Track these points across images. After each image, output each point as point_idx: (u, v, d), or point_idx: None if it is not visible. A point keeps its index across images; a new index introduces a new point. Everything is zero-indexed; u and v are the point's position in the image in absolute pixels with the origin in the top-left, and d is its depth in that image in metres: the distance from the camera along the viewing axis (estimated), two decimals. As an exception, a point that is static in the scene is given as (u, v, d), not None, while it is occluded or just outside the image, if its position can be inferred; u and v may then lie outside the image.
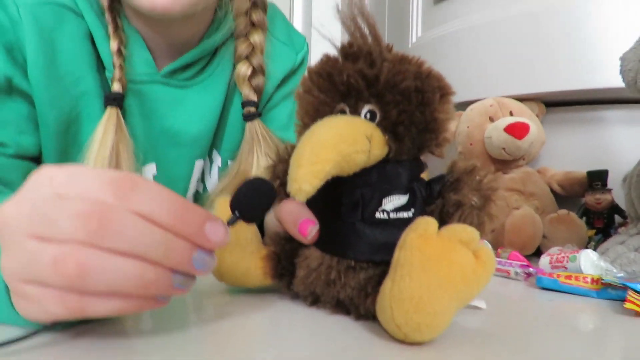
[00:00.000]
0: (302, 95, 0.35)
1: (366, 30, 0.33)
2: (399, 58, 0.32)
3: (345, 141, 0.29)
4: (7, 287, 0.28)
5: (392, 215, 0.34)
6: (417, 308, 0.27)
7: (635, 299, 0.40)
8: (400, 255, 0.29)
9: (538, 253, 0.66)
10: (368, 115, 0.33)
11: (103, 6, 0.60)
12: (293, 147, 0.40)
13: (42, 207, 0.25)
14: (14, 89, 0.55)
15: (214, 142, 0.72)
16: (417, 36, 1.01)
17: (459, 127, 0.82)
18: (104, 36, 0.59)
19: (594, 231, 0.72)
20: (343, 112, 0.34)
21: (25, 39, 0.54)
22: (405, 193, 0.34)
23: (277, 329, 0.32)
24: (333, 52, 0.35)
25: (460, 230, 0.29)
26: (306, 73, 0.36)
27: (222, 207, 0.39)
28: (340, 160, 0.29)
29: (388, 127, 0.32)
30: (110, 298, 0.26)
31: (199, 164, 0.71)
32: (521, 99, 0.82)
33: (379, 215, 0.34)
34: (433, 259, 0.27)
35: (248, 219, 0.32)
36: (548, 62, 0.80)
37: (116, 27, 0.60)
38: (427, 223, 0.29)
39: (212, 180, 0.74)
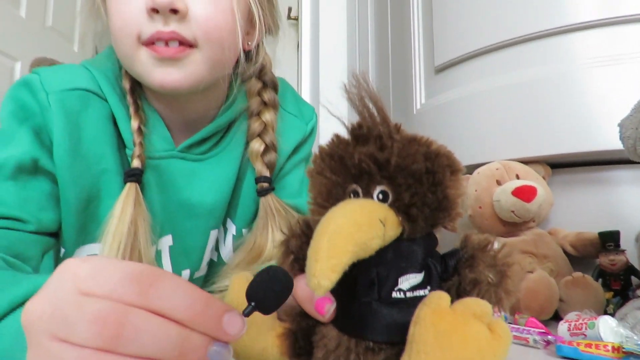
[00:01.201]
0: (314, 176, 0.37)
1: (375, 111, 0.35)
2: (408, 139, 0.34)
3: (361, 229, 0.30)
4: None
5: (409, 294, 0.34)
6: (435, 386, 0.27)
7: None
8: (415, 331, 0.29)
9: (556, 317, 0.65)
10: (380, 196, 0.34)
11: (125, 89, 0.64)
12: (305, 222, 0.41)
13: (64, 308, 0.26)
14: (39, 169, 0.58)
15: (228, 211, 0.74)
16: (421, 103, 1.05)
17: (467, 190, 0.83)
18: (125, 116, 0.63)
19: (611, 293, 0.71)
20: (356, 192, 0.35)
21: (52, 123, 0.58)
22: (420, 271, 0.34)
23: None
24: (341, 129, 0.37)
25: (474, 304, 0.29)
26: (317, 152, 0.38)
27: (237, 287, 0.40)
28: (357, 250, 0.29)
29: (401, 208, 0.33)
30: None
31: (213, 234, 0.72)
32: (526, 161, 0.84)
33: (395, 294, 0.34)
34: (447, 334, 0.28)
35: (264, 310, 0.32)
36: (550, 126, 0.83)
37: (137, 108, 0.64)
38: (440, 297, 0.30)
39: (226, 249, 0.75)
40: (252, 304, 0.31)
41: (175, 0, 0.54)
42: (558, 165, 0.87)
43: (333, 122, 0.39)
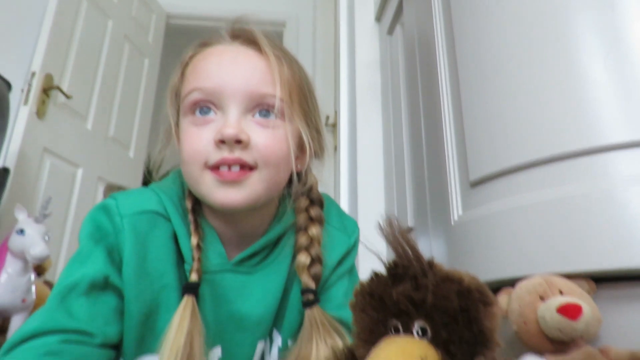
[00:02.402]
0: (357, 311, 0.41)
1: (409, 250, 0.39)
2: (442, 278, 0.38)
3: None
4: None
5: None
6: None
7: None
8: None
9: None
10: (420, 332, 0.37)
11: (187, 209, 0.72)
12: (350, 352, 0.44)
13: None
14: (109, 285, 0.64)
15: (275, 322, 0.77)
16: (458, 215, 1.08)
17: (510, 304, 0.83)
18: (185, 234, 0.70)
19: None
20: (396, 328, 0.39)
21: (124, 243, 0.65)
22: None
23: None
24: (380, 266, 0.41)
25: None
26: (359, 288, 0.42)
27: None
28: None
29: (440, 344, 0.36)
30: None
31: (260, 345, 0.75)
32: (569, 276, 0.84)
33: None
34: None
35: None
36: (591, 241, 0.84)
37: (197, 226, 0.71)
38: None
39: (271, 359, 0.77)
40: None
41: (240, 133, 0.64)
42: (602, 279, 0.87)
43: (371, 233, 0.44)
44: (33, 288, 1.27)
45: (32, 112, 1.90)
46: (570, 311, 0.72)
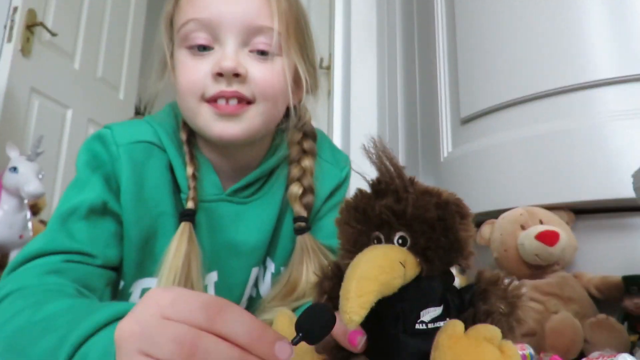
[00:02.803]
0: (342, 225, 0.43)
1: (391, 168, 0.41)
2: (421, 191, 0.40)
3: (384, 272, 0.36)
4: None
5: (430, 326, 0.39)
6: (455, 400, 0.32)
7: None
8: (435, 355, 0.34)
9: (581, 358, 0.67)
10: (400, 241, 0.40)
11: (181, 140, 0.73)
12: (336, 265, 0.47)
13: (149, 329, 0.32)
14: (107, 211, 0.66)
15: (268, 250, 0.80)
16: (447, 152, 1.11)
17: (493, 234, 0.87)
18: (181, 165, 0.71)
19: (637, 336, 0.73)
20: (378, 239, 0.41)
21: (120, 171, 0.67)
22: (440, 304, 0.40)
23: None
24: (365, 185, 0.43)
25: (484, 329, 0.35)
26: (344, 205, 0.44)
27: (280, 323, 0.46)
28: (382, 289, 0.35)
29: (418, 251, 0.39)
30: None
31: (254, 271, 0.79)
32: (550, 207, 0.88)
33: (418, 326, 0.39)
34: (462, 356, 0.33)
35: (310, 341, 0.37)
36: (574, 174, 0.87)
37: (192, 157, 0.73)
38: (455, 325, 0.35)
39: (265, 286, 0.81)
40: (300, 334, 0.37)
41: (238, 66, 0.63)
42: (581, 211, 0.91)
43: (364, 167, 0.46)
44: (30, 225, 1.30)
45: (17, 49, 1.84)
46: (548, 237, 0.76)
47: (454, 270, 0.44)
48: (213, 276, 0.77)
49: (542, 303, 0.77)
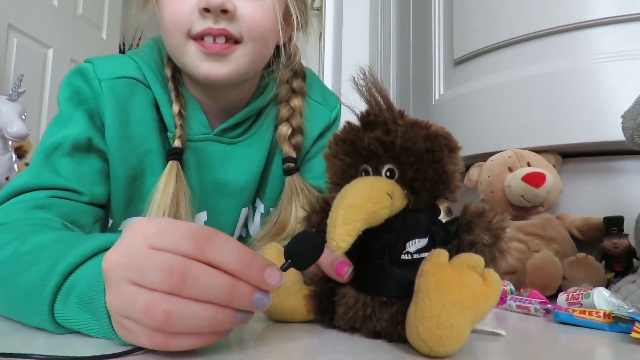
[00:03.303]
0: (330, 158, 0.43)
1: (380, 100, 0.40)
2: (410, 123, 0.39)
3: (371, 201, 0.36)
4: (108, 315, 0.35)
5: (416, 256, 0.40)
6: (438, 323, 0.33)
7: (642, 330, 0.44)
8: (420, 282, 0.35)
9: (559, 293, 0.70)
10: (388, 173, 0.40)
11: (166, 77, 0.71)
12: (324, 200, 0.47)
13: (137, 259, 0.32)
14: (92, 148, 0.65)
15: (257, 191, 0.80)
16: (439, 94, 1.09)
17: (480, 176, 0.88)
18: (167, 102, 0.70)
19: (613, 274, 0.76)
20: (366, 172, 0.41)
21: (104, 107, 0.65)
22: (425, 236, 0.40)
23: (317, 345, 0.38)
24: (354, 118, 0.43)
25: (468, 258, 0.35)
26: (332, 138, 0.44)
27: (269, 254, 0.46)
28: (368, 218, 0.35)
29: (406, 183, 0.39)
30: (189, 337, 0.33)
31: (244, 212, 0.79)
32: (538, 150, 0.88)
33: (404, 256, 0.40)
34: (446, 282, 0.34)
35: (299, 267, 0.38)
36: (562, 117, 0.87)
37: (177, 94, 0.71)
38: (440, 254, 0.36)
39: (254, 226, 0.82)
40: (289, 260, 0.37)
41: (226, 2, 0.60)
42: (569, 155, 0.91)
43: (354, 103, 0.45)
44: (15, 167, 1.28)
45: (-9, -16, 1.75)
46: (534, 179, 0.77)
47: (442, 210, 0.44)
48: (202, 216, 0.77)
49: (524, 243, 0.79)
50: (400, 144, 0.38)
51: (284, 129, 0.77)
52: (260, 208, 0.82)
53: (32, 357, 0.32)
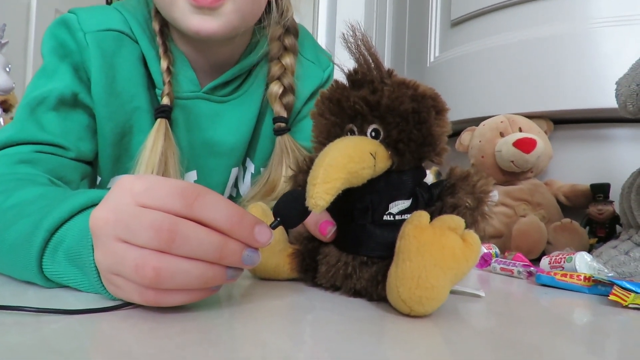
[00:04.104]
0: (316, 117, 0.42)
1: (369, 58, 0.39)
2: (398, 83, 0.38)
3: (353, 160, 0.35)
4: (97, 271, 0.35)
5: (398, 217, 0.40)
6: (418, 284, 0.33)
7: (619, 292, 0.45)
8: (401, 243, 0.35)
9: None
10: (373, 134, 0.39)
11: (154, 31, 0.69)
12: (311, 159, 0.47)
13: (125, 216, 0.32)
14: (78, 103, 0.64)
15: (248, 151, 0.79)
16: (434, 56, 1.07)
17: (472, 141, 0.88)
18: (155, 58, 0.68)
19: (596, 240, 0.77)
20: (352, 131, 0.40)
21: (90, 61, 0.63)
22: (408, 198, 0.40)
23: (310, 302, 0.39)
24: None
25: (449, 219, 0.36)
26: (319, 96, 0.43)
27: (254, 213, 0.46)
28: (349, 177, 0.35)
29: (390, 144, 0.38)
30: (179, 293, 0.33)
31: (234, 172, 0.79)
32: (530, 116, 0.88)
33: (386, 217, 0.40)
34: (427, 244, 0.34)
35: (287, 225, 0.38)
36: (556, 82, 0.86)
37: (166, 49, 0.69)
38: (421, 215, 0.36)
39: (244, 186, 0.81)
40: (278, 219, 0.37)
41: None
42: (560, 121, 0.91)
43: (346, 69, 0.44)
44: (1, 120, 1.26)
45: None
46: (525, 144, 0.77)
47: (432, 174, 0.44)
48: (192, 175, 0.76)
49: (512, 208, 0.80)
50: (386, 104, 0.37)
51: (275, 88, 0.76)
52: (251, 168, 0.82)
53: (22, 309, 0.32)
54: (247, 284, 0.46)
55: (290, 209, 0.37)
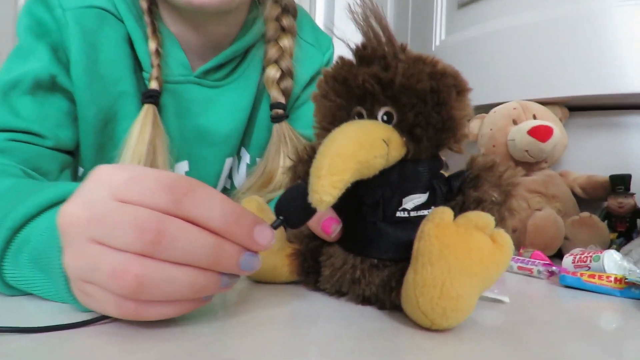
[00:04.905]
0: (319, 99, 0.37)
1: (379, 31, 0.34)
2: (413, 59, 0.33)
3: (363, 148, 0.30)
4: (67, 277, 0.30)
5: (413, 214, 0.35)
6: (441, 293, 0.28)
7: (657, 297, 0.41)
8: (420, 245, 0.30)
9: (560, 255, 0.67)
10: (385, 118, 0.34)
11: (141, 10, 0.64)
12: (312, 148, 0.42)
13: (102, 213, 0.26)
14: (57, 86, 0.59)
15: (243, 140, 0.75)
16: (440, 39, 1.02)
17: (482, 129, 0.83)
18: (142, 38, 0.63)
19: (615, 234, 0.72)
20: (360, 115, 0.35)
21: (69, 40, 0.58)
22: (425, 191, 0.35)
23: (315, 312, 0.34)
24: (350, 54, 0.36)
25: (475, 217, 0.30)
26: (322, 76, 0.37)
27: (248, 209, 0.41)
28: (359, 168, 0.30)
29: (405, 128, 0.33)
30: (164, 305, 0.28)
31: (228, 162, 0.74)
32: (545, 102, 0.83)
33: (399, 214, 0.35)
34: (451, 246, 0.29)
35: (291, 225, 0.33)
36: (572, 67, 0.81)
37: (154, 29, 0.64)
38: (443, 212, 0.31)
39: (239, 177, 0.77)
40: (281, 217, 0.32)
41: None
42: (575, 108, 0.86)
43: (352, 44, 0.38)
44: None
45: None
46: (541, 133, 0.72)
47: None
48: (183, 166, 0.72)
49: (525, 200, 0.75)
50: (400, 82, 0.32)
51: (272, 72, 0.71)
52: (246, 158, 0.77)
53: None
54: (240, 288, 0.41)
55: (294, 207, 0.32)
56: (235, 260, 0.28)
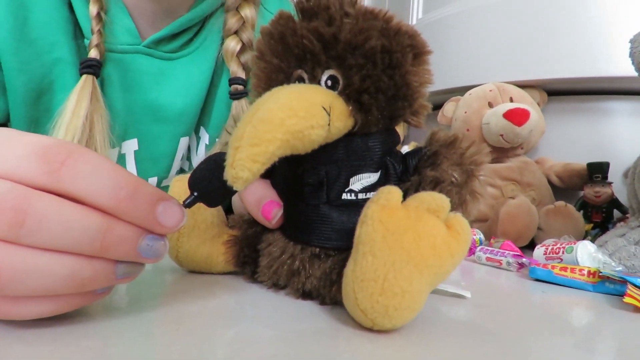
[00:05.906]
0: (255, 61, 0.31)
1: None
2: (363, 12, 0.28)
3: (295, 116, 0.25)
4: None
5: (361, 196, 0.30)
6: (383, 289, 0.24)
7: (636, 293, 0.37)
8: (362, 231, 0.25)
9: (532, 246, 0.63)
10: (329, 83, 0.29)
11: None
12: None
13: None
14: None
15: (201, 118, 0.69)
16: (417, 18, 0.97)
17: (456, 112, 0.78)
18: (82, 0, 0.57)
19: (591, 225, 0.69)
20: (301, 79, 0.30)
21: None
22: (376, 170, 0.30)
23: (241, 308, 0.30)
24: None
25: (428, 198, 0.26)
26: (259, 35, 0.32)
27: (177, 189, 0.36)
28: (290, 139, 0.25)
29: (352, 95, 0.28)
30: (39, 300, 0.22)
31: (184, 141, 0.68)
32: (522, 85, 0.79)
33: (345, 196, 0.30)
34: (397, 232, 0.24)
35: (209, 201, 0.28)
36: (551, 49, 0.77)
37: None
38: (389, 192, 0.26)
39: (198, 158, 0.71)
40: (195, 193, 0.27)
41: None
42: (554, 92, 0.82)
43: None
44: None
45: None
46: (517, 116, 0.68)
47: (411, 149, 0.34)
48: (132, 144, 0.66)
49: (499, 188, 0.71)
50: (346, 39, 0.27)
51: (232, 44, 0.65)
52: (205, 139, 0.71)
53: None
54: (169, 279, 0.36)
55: (210, 181, 0.27)
56: (132, 246, 0.23)
